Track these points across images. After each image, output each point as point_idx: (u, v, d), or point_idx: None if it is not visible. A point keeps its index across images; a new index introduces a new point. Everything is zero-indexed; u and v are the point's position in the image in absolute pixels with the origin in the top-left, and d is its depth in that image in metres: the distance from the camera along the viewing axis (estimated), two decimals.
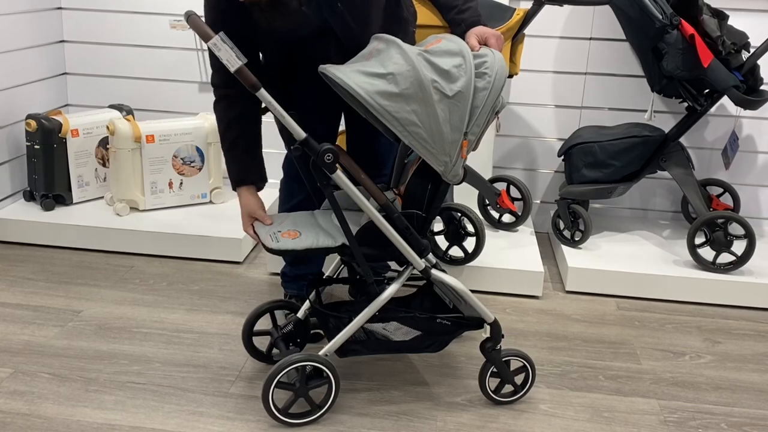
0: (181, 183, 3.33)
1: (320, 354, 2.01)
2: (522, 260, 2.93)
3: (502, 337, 2.13)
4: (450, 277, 2.08)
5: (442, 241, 2.85)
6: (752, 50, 2.83)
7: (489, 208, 3.23)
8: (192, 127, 3.31)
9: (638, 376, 2.38)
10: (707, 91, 2.90)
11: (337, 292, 2.73)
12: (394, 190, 2.17)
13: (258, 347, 2.30)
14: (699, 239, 2.92)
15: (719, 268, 2.90)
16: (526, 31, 2.89)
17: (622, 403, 2.22)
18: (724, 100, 3.10)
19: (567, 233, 3.13)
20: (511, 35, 2.81)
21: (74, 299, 2.72)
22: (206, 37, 1.78)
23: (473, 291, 2.37)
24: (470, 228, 2.81)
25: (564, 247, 3.10)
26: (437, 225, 2.85)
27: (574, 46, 3.36)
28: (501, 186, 3.24)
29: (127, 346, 2.41)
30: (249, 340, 2.28)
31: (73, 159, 3.29)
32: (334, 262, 2.28)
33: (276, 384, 1.97)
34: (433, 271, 2.06)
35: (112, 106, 3.48)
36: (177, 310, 2.67)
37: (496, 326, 2.11)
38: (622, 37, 3.09)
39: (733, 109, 3.25)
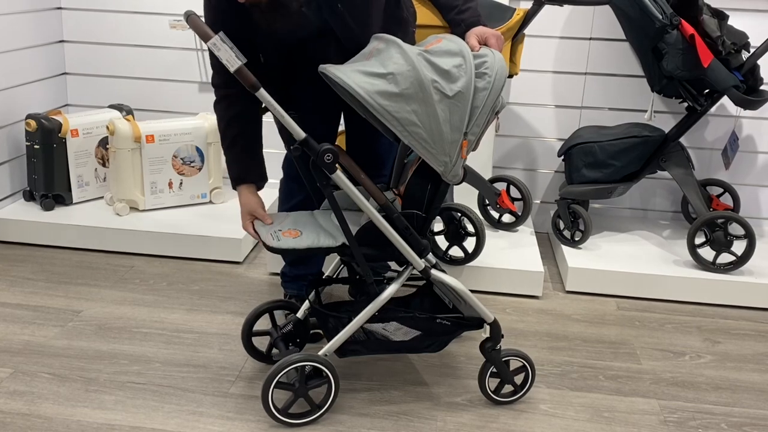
0: (181, 183, 3.33)
1: (320, 354, 2.01)
2: (522, 260, 2.93)
3: (502, 337, 2.13)
4: (450, 277, 2.07)
5: (442, 241, 2.85)
6: (752, 50, 2.83)
7: (489, 208, 3.23)
8: (192, 127, 3.31)
9: (638, 376, 2.38)
10: (707, 91, 2.90)
11: (336, 292, 2.73)
12: (394, 190, 2.17)
13: (258, 347, 2.30)
14: (699, 239, 2.92)
15: (719, 268, 2.90)
16: (526, 31, 2.89)
17: (622, 403, 2.22)
18: (724, 100, 3.10)
19: (567, 233, 3.12)
20: (511, 35, 2.81)
21: (74, 299, 2.72)
22: (206, 37, 1.78)
23: (473, 291, 2.37)
24: (470, 228, 2.81)
25: (564, 247, 3.10)
26: (437, 225, 2.85)
27: (574, 46, 3.36)
28: (501, 186, 3.24)
29: (127, 346, 2.41)
30: (248, 340, 2.28)
31: (73, 159, 3.29)
32: (334, 262, 2.28)
33: (275, 384, 1.97)
34: (433, 271, 2.06)
35: (112, 106, 3.48)
36: (177, 310, 2.67)
37: (495, 326, 2.11)
38: (622, 37, 3.09)
39: (733, 109, 3.25)
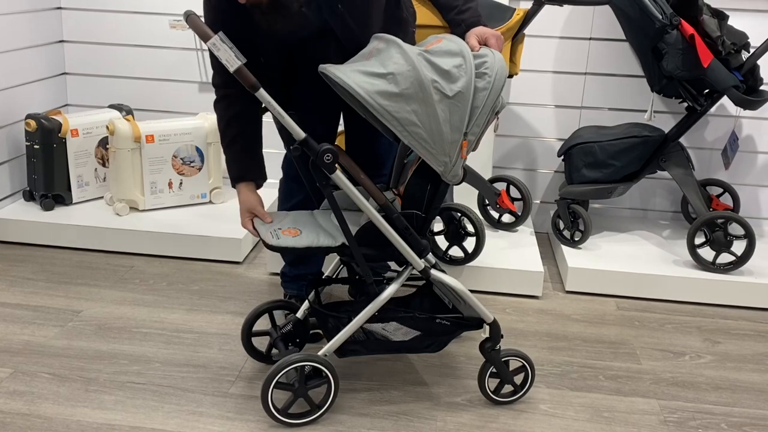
0: (181, 183, 3.33)
1: (319, 354, 2.01)
2: (522, 260, 2.93)
3: (501, 337, 2.12)
4: (449, 278, 2.07)
5: (442, 241, 2.84)
6: (752, 50, 2.83)
7: (489, 208, 3.23)
8: (192, 127, 3.30)
9: (638, 376, 2.37)
10: (707, 91, 2.90)
11: (336, 292, 2.73)
12: (394, 190, 2.17)
13: (257, 347, 2.30)
14: (699, 239, 2.92)
15: (719, 268, 2.90)
16: (526, 31, 2.89)
17: (622, 403, 2.22)
18: (724, 100, 3.10)
19: (567, 233, 3.12)
20: (511, 35, 2.81)
21: (74, 299, 2.72)
22: (205, 37, 1.78)
23: (473, 291, 2.37)
24: (470, 228, 2.81)
25: (564, 247, 3.10)
26: (437, 225, 2.85)
27: (574, 46, 3.36)
28: (501, 186, 3.23)
29: (127, 346, 2.41)
30: (248, 341, 2.28)
31: (73, 159, 3.29)
32: (334, 262, 2.28)
33: (275, 384, 1.97)
34: (433, 272, 2.06)
35: (111, 106, 3.48)
36: (177, 310, 2.67)
37: (495, 326, 2.11)
38: (622, 37, 3.09)
39: (733, 109, 3.25)
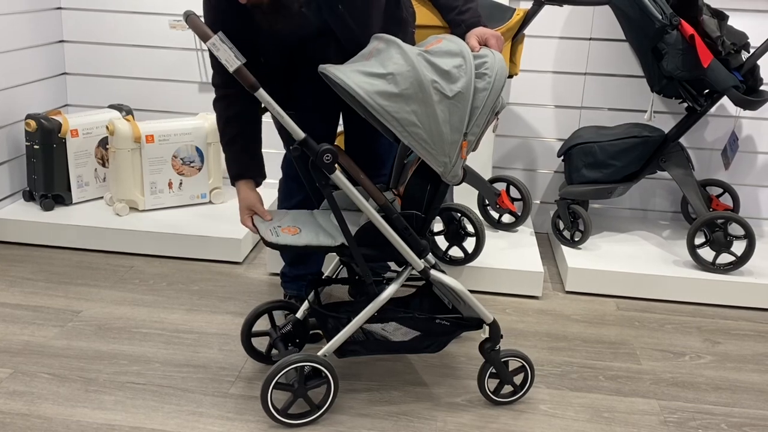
0: (181, 183, 3.33)
1: (319, 354, 2.01)
2: (522, 260, 2.93)
3: (501, 337, 2.12)
4: (449, 278, 2.07)
5: (442, 242, 2.84)
6: (752, 50, 2.83)
7: (489, 208, 3.23)
8: (192, 127, 3.30)
9: (638, 376, 2.37)
10: (707, 91, 2.90)
11: (336, 292, 2.73)
12: (394, 190, 2.17)
13: (257, 348, 2.29)
14: (699, 239, 2.92)
15: (719, 268, 2.90)
16: (526, 31, 2.89)
17: (622, 404, 2.22)
18: (724, 101, 3.10)
19: (567, 233, 3.12)
20: (511, 35, 2.81)
21: (74, 299, 2.72)
22: (205, 37, 1.78)
23: (473, 291, 2.37)
24: (470, 228, 2.81)
25: (564, 247, 3.09)
26: (437, 225, 2.85)
27: (574, 47, 3.36)
28: (501, 186, 3.23)
29: (126, 347, 2.41)
30: (248, 341, 2.28)
31: (73, 159, 3.29)
32: (334, 262, 2.28)
33: (275, 384, 1.96)
34: (432, 272, 2.06)
35: (111, 106, 3.48)
36: (177, 310, 2.67)
37: (494, 327, 2.11)
38: (622, 37, 3.09)
39: (733, 110, 3.25)
